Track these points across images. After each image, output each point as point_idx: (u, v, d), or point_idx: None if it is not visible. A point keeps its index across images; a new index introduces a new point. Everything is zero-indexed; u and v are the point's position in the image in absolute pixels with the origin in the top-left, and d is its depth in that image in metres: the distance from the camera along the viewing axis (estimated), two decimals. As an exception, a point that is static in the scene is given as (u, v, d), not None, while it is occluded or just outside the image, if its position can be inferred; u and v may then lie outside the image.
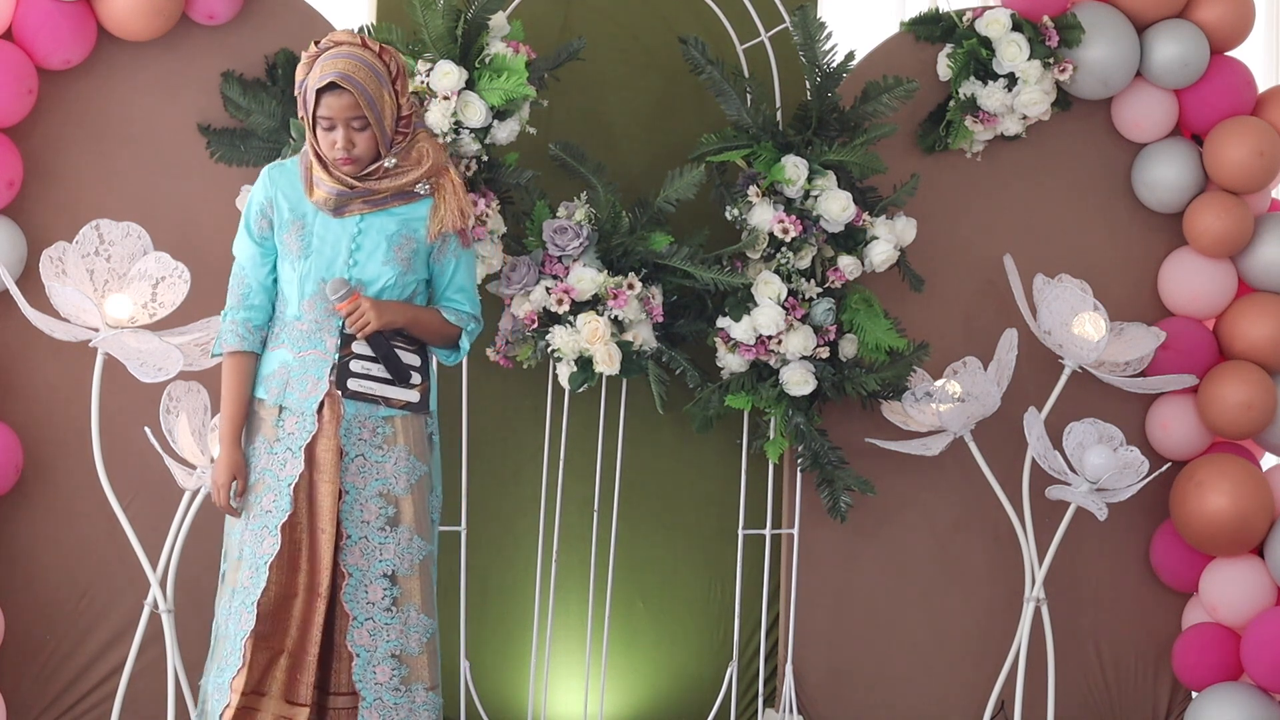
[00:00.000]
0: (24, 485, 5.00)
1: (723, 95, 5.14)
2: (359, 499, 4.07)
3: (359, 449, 4.08)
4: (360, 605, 4.06)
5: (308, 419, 4.06)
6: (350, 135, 4.03)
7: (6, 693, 4.98)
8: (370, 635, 4.06)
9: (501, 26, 4.96)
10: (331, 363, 4.08)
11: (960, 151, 5.42)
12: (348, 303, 4.04)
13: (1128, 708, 5.55)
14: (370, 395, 4.09)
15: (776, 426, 5.19)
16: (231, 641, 4.02)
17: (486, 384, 5.24)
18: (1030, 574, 5.23)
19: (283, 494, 4.03)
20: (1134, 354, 5.32)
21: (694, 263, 5.02)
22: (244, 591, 4.02)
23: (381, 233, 4.10)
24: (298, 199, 4.10)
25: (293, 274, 4.09)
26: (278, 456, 4.07)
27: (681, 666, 5.42)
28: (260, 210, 4.12)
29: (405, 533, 4.10)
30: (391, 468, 4.10)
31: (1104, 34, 5.34)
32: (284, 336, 4.11)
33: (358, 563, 4.05)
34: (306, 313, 4.09)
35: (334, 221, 4.09)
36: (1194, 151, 5.47)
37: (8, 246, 4.88)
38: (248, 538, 4.05)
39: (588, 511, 5.25)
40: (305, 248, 4.07)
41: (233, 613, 4.03)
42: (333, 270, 4.08)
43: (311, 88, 4.02)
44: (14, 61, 4.85)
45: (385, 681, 4.06)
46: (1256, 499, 5.34)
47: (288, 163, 4.15)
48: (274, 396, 4.09)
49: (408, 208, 4.12)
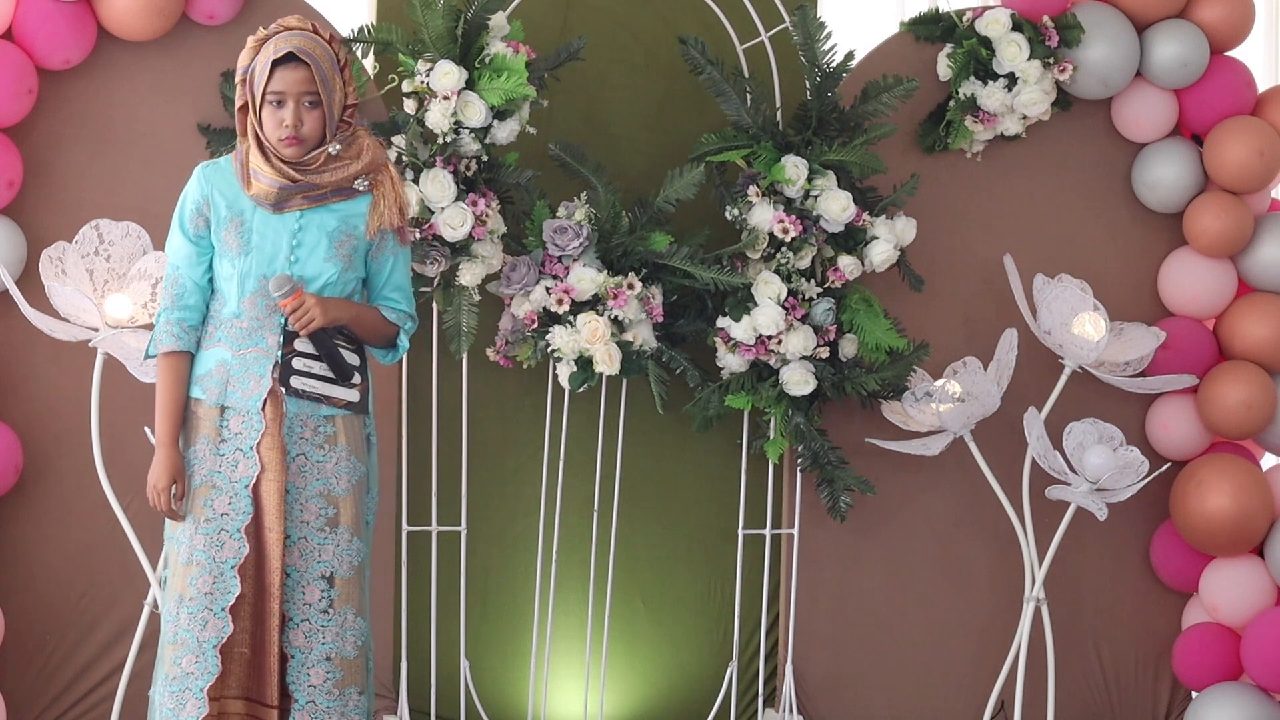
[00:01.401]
0: (24, 485, 5.00)
1: (723, 95, 5.14)
2: (299, 499, 4.02)
3: (300, 448, 4.04)
4: (297, 606, 4.00)
5: (253, 417, 4.00)
6: (300, 113, 3.99)
7: (6, 693, 4.98)
8: (306, 637, 4.00)
9: (501, 26, 4.96)
10: (274, 360, 4.02)
11: (960, 151, 5.42)
12: (292, 299, 3.98)
13: (1128, 708, 5.55)
14: (313, 394, 4.04)
15: (776, 426, 5.19)
16: (196, 649, 3.95)
17: (486, 384, 5.24)
18: (1030, 574, 5.23)
19: (240, 496, 3.98)
20: (1134, 354, 5.32)
21: (694, 263, 5.02)
22: (206, 598, 3.94)
23: (322, 229, 4.06)
24: (235, 195, 4.05)
25: (232, 271, 4.03)
26: (227, 458, 4.01)
27: (681, 666, 5.42)
28: (195, 208, 4.06)
29: (345, 534, 4.05)
30: (332, 468, 4.06)
31: (1104, 34, 5.34)
32: (221, 335, 4.05)
33: (296, 563, 4.00)
34: (246, 310, 4.03)
35: (273, 218, 4.04)
36: (1194, 151, 5.47)
37: (8, 246, 4.88)
38: (199, 542, 3.97)
39: (588, 511, 5.25)
40: (245, 245, 4.02)
41: (194, 620, 3.95)
42: (274, 267, 4.03)
43: (266, 61, 3.98)
44: (14, 61, 4.85)
45: (319, 684, 4.01)
46: (1256, 499, 5.34)
47: (221, 160, 4.10)
48: (214, 396, 4.03)
49: (347, 204, 4.08)
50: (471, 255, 4.95)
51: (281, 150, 4.02)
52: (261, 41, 4.04)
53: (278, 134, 4.01)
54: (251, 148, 4.05)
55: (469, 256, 4.95)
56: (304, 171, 4.04)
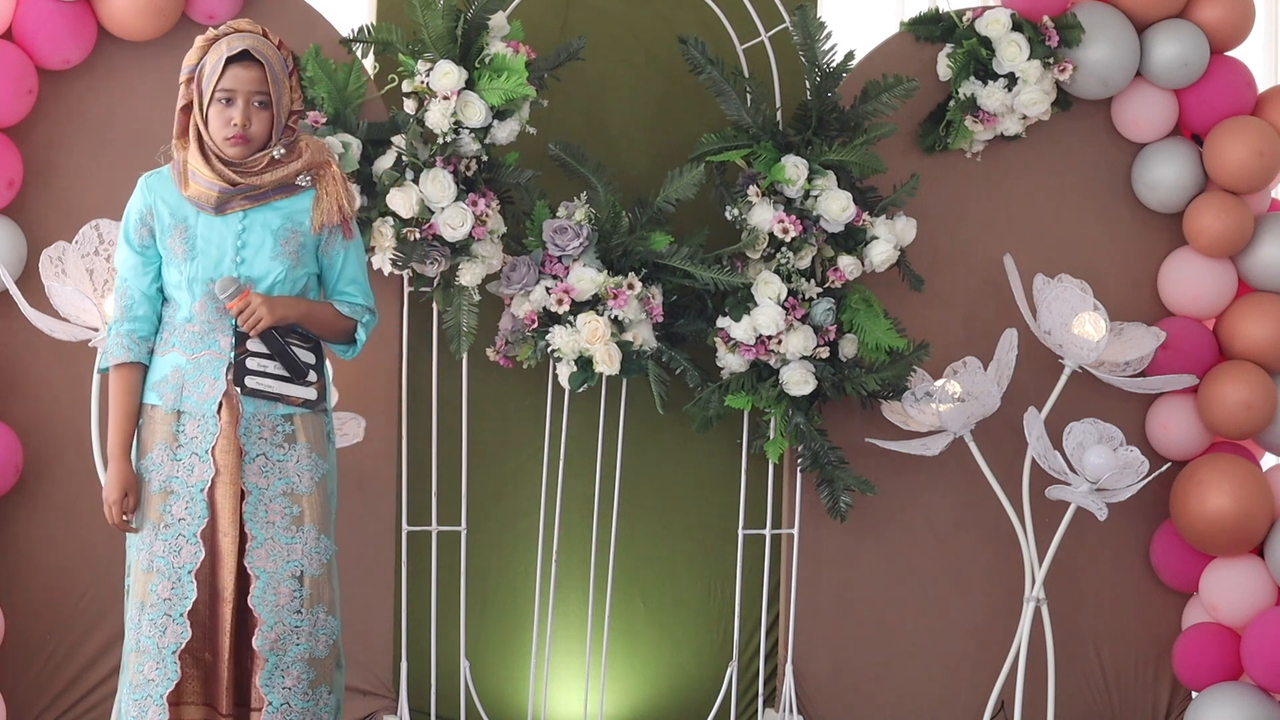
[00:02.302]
0: (24, 485, 5.00)
1: (723, 95, 5.14)
2: (262, 499, 4.00)
3: (260, 448, 4.02)
4: (269, 608, 3.98)
5: (209, 421, 3.99)
6: (249, 113, 3.97)
7: (6, 693, 4.98)
8: (279, 639, 3.98)
9: (501, 26, 4.96)
10: (227, 362, 4.01)
11: (960, 151, 5.42)
12: (238, 300, 3.97)
13: (1128, 708, 5.55)
14: (268, 393, 4.02)
15: (776, 426, 5.19)
16: (156, 655, 3.93)
17: (486, 384, 5.24)
18: (1030, 574, 5.23)
19: (195, 500, 3.97)
20: (1134, 354, 5.32)
21: (694, 263, 5.02)
22: (164, 604, 3.93)
23: (266, 228, 4.04)
24: (177, 202, 4.03)
25: (180, 277, 4.02)
26: (183, 463, 3.99)
27: (681, 666, 5.42)
28: (139, 219, 4.04)
29: (312, 532, 4.03)
30: (294, 466, 4.04)
31: (1104, 34, 5.34)
32: (175, 340, 4.03)
33: (265, 565, 3.98)
34: (198, 314, 4.01)
35: (216, 220, 4.02)
36: (1194, 151, 5.47)
37: (8, 246, 4.88)
38: (159, 548, 3.95)
39: (588, 511, 5.25)
40: (190, 250, 4.01)
41: (154, 626, 3.93)
42: (220, 269, 4.01)
43: (220, 58, 3.96)
44: (14, 61, 4.85)
45: (294, 686, 3.99)
46: (1256, 499, 5.34)
47: (163, 170, 4.08)
48: (170, 402, 4.00)
49: (290, 200, 4.07)
50: (471, 255, 4.95)
51: (225, 149, 4.00)
52: (211, 41, 4.03)
53: (225, 132, 3.99)
54: (191, 148, 4.03)
55: (469, 256, 4.95)
56: (244, 174, 4.02)
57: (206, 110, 3.99)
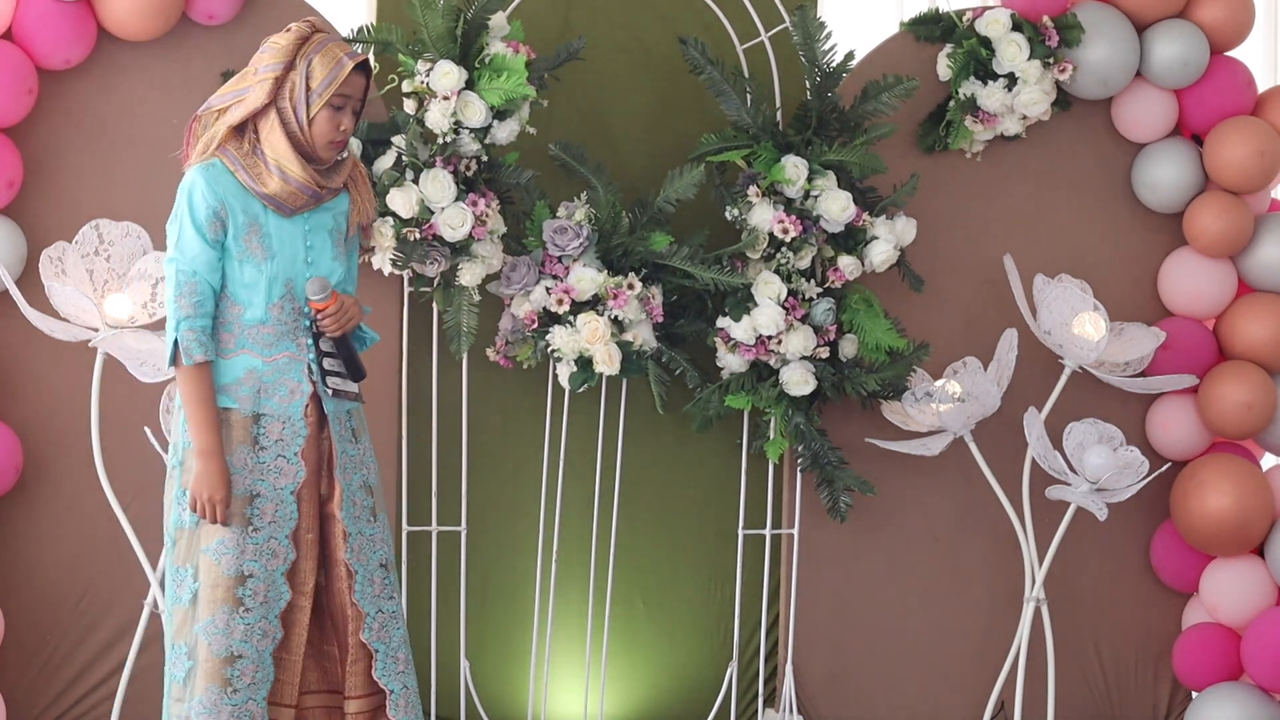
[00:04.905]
0: (24, 485, 5.00)
1: (723, 95, 5.14)
2: (350, 495, 4.03)
3: (340, 446, 4.04)
4: (369, 600, 4.03)
5: (295, 423, 3.99)
6: (350, 119, 3.99)
7: (6, 693, 4.99)
8: (383, 628, 4.04)
9: (501, 26, 4.96)
10: (306, 363, 4.03)
11: (960, 151, 5.42)
12: (331, 301, 4.00)
13: (1128, 708, 5.55)
14: (347, 392, 4.06)
15: (776, 426, 5.19)
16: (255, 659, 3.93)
17: (486, 384, 5.24)
18: (1030, 574, 5.23)
19: (285, 502, 3.97)
20: (1134, 354, 5.32)
21: (694, 263, 5.02)
22: (262, 607, 3.94)
23: (324, 229, 4.05)
24: (245, 199, 3.98)
25: (258, 276, 3.97)
26: (268, 465, 3.97)
27: (681, 666, 5.42)
28: (212, 212, 3.94)
29: (384, 520, 4.10)
30: (362, 459, 4.08)
31: (1104, 34, 5.34)
32: (245, 341, 3.99)
33: (359, 558, 4.02)
34: (273, 315, 3.99)
35: (285, 221, 4.01)
36: (1194, 151, 5.47)
37: (8, 246, 4.88)
38: (250, 552, 3.94)
39: (588, 511, 5.25)
40: (268, 249, 3.98)
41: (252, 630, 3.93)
42: (294, 270, 4.02)
43: (340, 64, 3.94)
44: (14, 61, 4.85)
45: (405, 670, 4.06)
46: (1256, 499, 5.34)
47: (215, 163, 3.99)
48: (247, 405, 3.97)
49: (334, 202, 4.07)
50: (471, 255, 4.95)
51: (324, 152, 3.99)
52: (301, 40, 3.98)
53: (332, 136, 3.97)
54: (281, 145, 3.97)
55: (469, 256, 4.95)
56: (324, 175, 4.03)
57: (314, 112, 3.96)
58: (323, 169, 4.02)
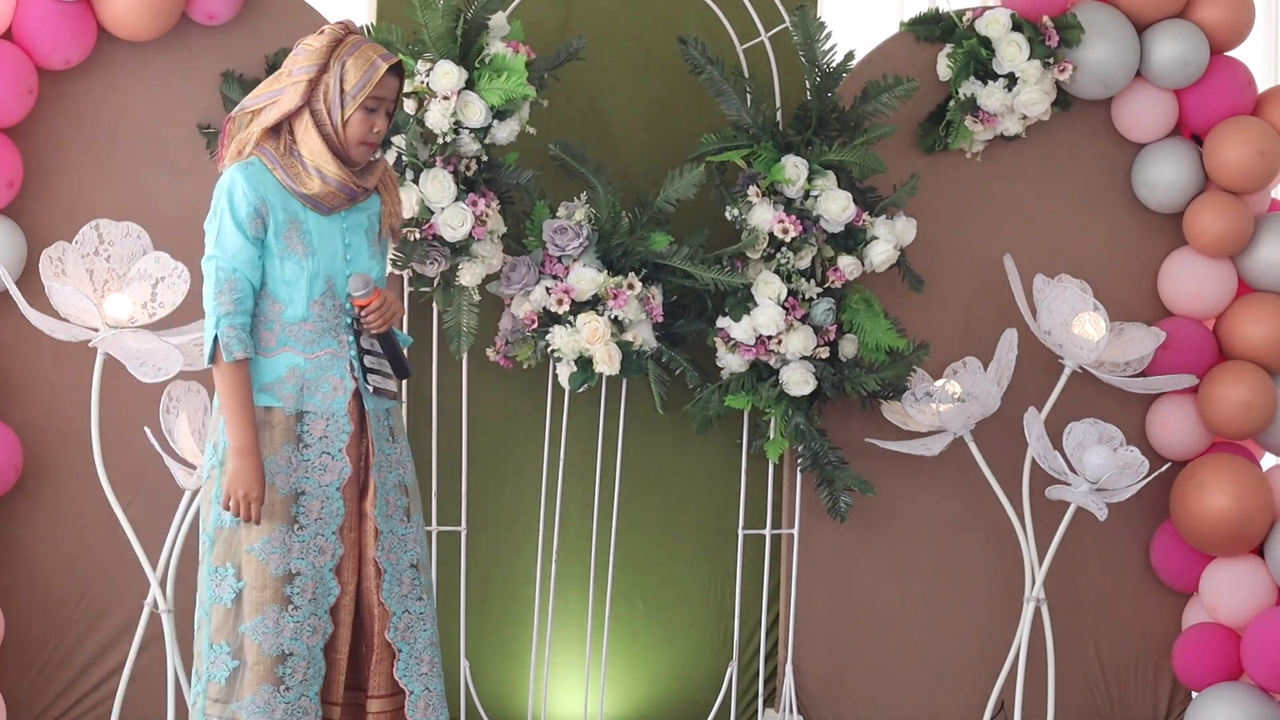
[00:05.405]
0: (24, 485, 5.00)
1: (723, 95, 5.14)
2: (384, 493, 4.04)
3: (378, 444, 4.05)
4: (396, 599, 4.03)
5: (339, 419, 4.00)
6: (384, 121, 4.00)
7: (6, 693, 4.99)
8: (408, 628, 4.04)
9: (501, 26, 4.96)
10: (348, 360, 4.04)
11: (960, 151, 5.42)
12: (374, 297, 4.00)
13: (1128, 708, 5.55)
14: (387, 390, 4.08)
15: (776, 426, 5.20)
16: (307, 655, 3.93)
17: (486, 384, 5.24)
18: (1030, 574, 5.23)
19: (332, 498, 3.97)
20: (1134, 354, 5.32)
21: (694, 263, 5.02)
22: (312, 604, 3.94)
23: (360, 228, 4.06)
24: (284, 198, 3.99)
25: (300, 274, 3.99)
26: (313, 463, 3.98)
27: (681, 666, 5.42)
28: (254, 210, 3.96)
29: (418, 521, 4.10)
30: (398, 458, 4.09)
31: (1104, 34, 5.34)
32: (287, 339, 4.00)
33: (389, 557, 4.02)
34: (315, 312, 4.01)
35: (324, 220, 4.03)
36: (1194, 151, 5.47)
37: (8, 246, 4.88)
38: (296, 549, 3.94)
39: (588, 511, 5.25)
40: (309, 247, 4.00)
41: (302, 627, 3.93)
42: (335, 267, 4.04)
43: (375, 66, 3.96)
44: (14, 61, 4.85)
45: (429, 672, 4.05)
46: (1256, 499, 5.34)
47: (253, 162, 4.00)
48: (291, 403, 3.98)
49: (367, 203, 4.09)
50: (471, 255, 4.95)
51: (357, 153, 4.01)
52: (335, 42, 3.99)
53: (365, 137, 3.98)
54: (316, 146, 3.98)
55: (469, 256, 4.95)
56: (359, 175, 4.04)
57: (349, 114, 3.97)
58: (357, 169, 4.04)
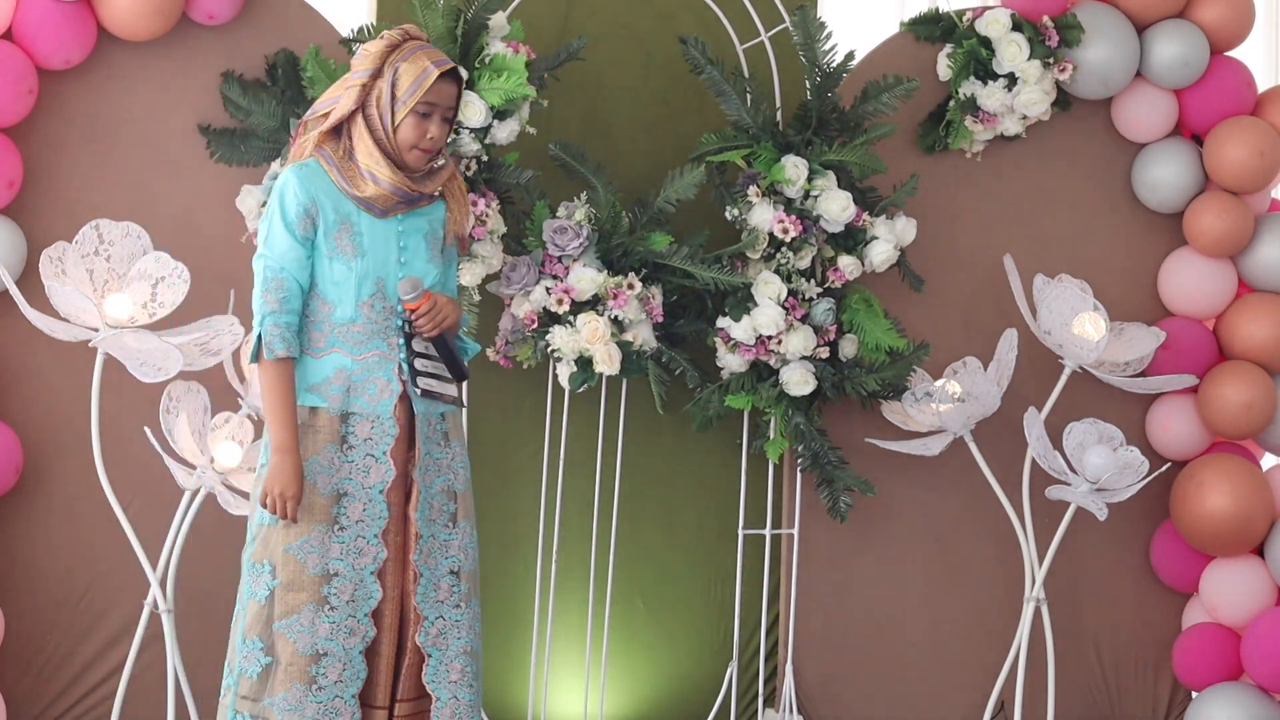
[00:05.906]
0: (24, 485, 5.00)
1: (723, 95, 5.14)
2: (427, 497, 4.03)
3: (425, 447, 4.04)
4: (430, 604, 4.02)
5: (385, 422, 4.00)
6: (439, 127, 4.01)
7: (6, 693, 4.99)
8: (440, 634, 4.02)
9: (501, 26, 4.96)
10: (397, 363, 4.04)
11: (960, 151, 5.42)
12: (424, 300, 4.00)
13: (1128, 708, 5.55)
14: (439, 394, 4.07)
15: (776, 426, 5.20)
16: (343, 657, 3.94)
17: (486, 384, 5.24)
18: (1030, 574, 5.23)
19: (374, 501, 3.97)
20: (1134, 354, 5.32)
21: (694, 263, 5.02)
22: (349, 606, 3.94)
23: (419, 232, 4.07)
24: (337, 199, 4.01)
25: (348, 274, 3.99)
26: (357, 464, 3.98)
27: (681, 666, 5.42)
28: (303, 210, 3.97)
29: (466, 527, 4.08)
30: (449, 464, 4.08)
31: (1104, 34, 5.34)
32: (335, 340, 4.00)
33: (426, 561, 4.02)
34: (364, 314, 4.01)
35: (379, 222, 4.04)
36: (1194, 151, 5.47)
37: (8, 246, 4.88)
38: (336, 550, 3.95)
39: (588, 511, 5.25)
40: (359, 248, 4.00)
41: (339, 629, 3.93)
42: (386, 270, 4.04)
43: (427, 71, 3.97)
44: (14, 61, 4.85)
45: (459, 680, 4.03)
46: (1256, 499, 5.34)
47: (310, 163, 4.03)
48: (336, 404, 3.98)
49: (430, 208, 4.11)
50: (471, 255, 4.95)
51: (410, 158, 4.01)
52: (392, 47, 4.00)
53: (418, 143, 3.99)
54: (371, 150, 3.99)
55: (469, 256, 4.95)
56: (416, 180, 4.04)
57: (400, 118, 3.98)
58: (415, 175, 4.04)
